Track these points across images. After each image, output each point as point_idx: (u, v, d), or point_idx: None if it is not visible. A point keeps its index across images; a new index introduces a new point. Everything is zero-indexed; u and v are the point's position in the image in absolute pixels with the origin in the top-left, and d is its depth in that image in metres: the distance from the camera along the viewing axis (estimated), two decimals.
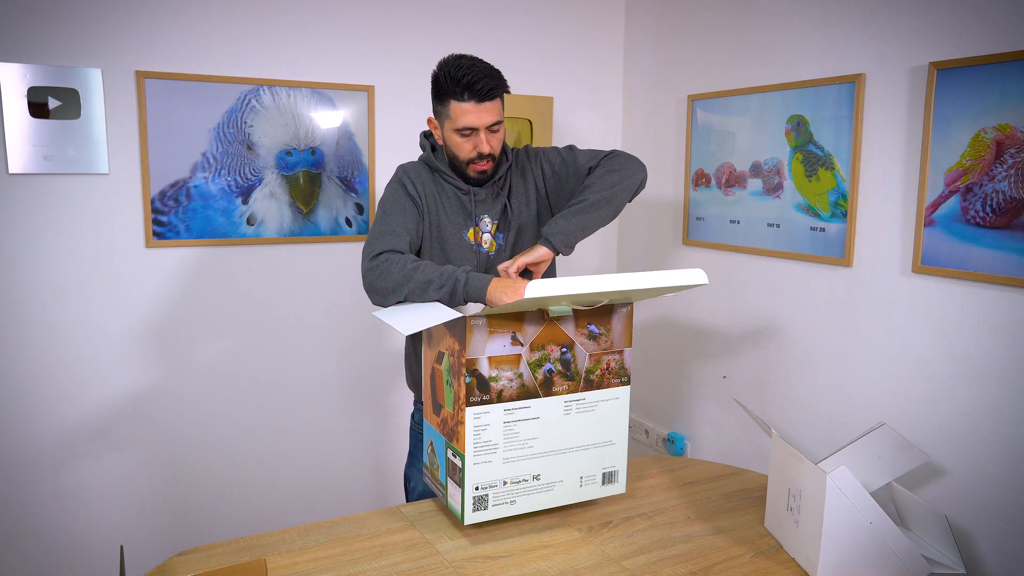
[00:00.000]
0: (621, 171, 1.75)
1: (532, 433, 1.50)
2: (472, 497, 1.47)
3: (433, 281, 1.53)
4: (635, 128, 3.01)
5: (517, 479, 1.51)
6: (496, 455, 1.47)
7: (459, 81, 1.62)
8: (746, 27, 2.47)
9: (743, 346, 2.54)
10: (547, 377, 1.50)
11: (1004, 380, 1.81)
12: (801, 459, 1.45)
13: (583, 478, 1.58)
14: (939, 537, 1.50)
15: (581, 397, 1.55)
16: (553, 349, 1.50)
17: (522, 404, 1.48)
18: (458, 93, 1.63)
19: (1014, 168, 1.74)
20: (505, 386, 1.46)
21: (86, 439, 2.34)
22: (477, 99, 1.64)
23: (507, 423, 1.47)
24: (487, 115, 1.66)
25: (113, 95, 2.24)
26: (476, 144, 1.68)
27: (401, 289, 1.55)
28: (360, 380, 2.72)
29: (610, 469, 1.62)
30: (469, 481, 1.46)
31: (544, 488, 1.54)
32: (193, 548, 1.46)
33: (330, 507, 2.69)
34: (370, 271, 1.60)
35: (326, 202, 2.56)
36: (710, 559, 1.46)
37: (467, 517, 1.48)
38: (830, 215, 2.20)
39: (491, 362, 1.44)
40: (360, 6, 2.54)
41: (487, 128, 1.68)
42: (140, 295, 2.36)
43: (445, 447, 1.52)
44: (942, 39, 1.89)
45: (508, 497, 1.50)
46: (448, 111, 1.67)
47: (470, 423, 1.44)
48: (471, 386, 1.43)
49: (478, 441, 1.46)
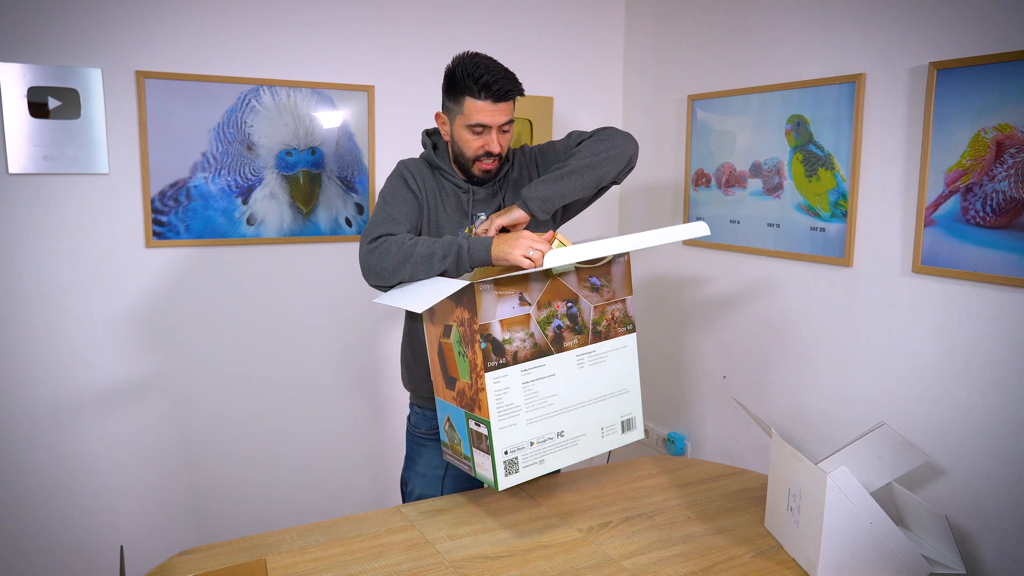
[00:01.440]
0: (609, 141, 1.74)
1: (551, 390, 1.53)
2: (503, 462, 1.48)
3: (436, 253, 1.53)
4: (635, 128, 3.01)
5: (543, 438, 1.53)
6: (520, 416, 1.49)
7: (477, 79, 1.62)
8: (746, 27, 2.47)
9: (743, 346, 2.54)
10: (557, 333, 1.54)
11: (1004, 380, 1.81)
12: (801, 459, 1.45)
13: (604, 429, 1.62)
14: (939, 537, 1.50)
15: (591, 349, 1.59)
16: (559, 305, 1.54)
17: (537, 363, 1.51)
18: (475, 91, 1.63)
19: (1014, 168, 1.74)
20: (519, 347, 1.48)
21: (86, 438, 2.34)
22: (494, 99, 1.64)
23: (526, 384, 1.49)
24: (501, 115, 1.66)
25: (113, 95, 2.24)
26: (486, 142, 1.68)
27: (403, 266, 1.54)
28: (360, 380, 2.72)
29: (627, 416, 1.66)
30: (498, 446, 1.47)
31: (569, 444, 1.57)
32: (193, 548, 1.47)
33: (330, 507, 2.69)
34: (369, 254, 1.58)
35: (326, 202, 2.56)
36: (710, 559, 1.46)
37: (501, 482, 1.48)
38: (830, 215, 2.20)
39: (503, 325, 1.46)
40: (360, 6, 2.54)
41: (499, 128, 1.68)
42: (140, 295, 2.36)
43: (466, 419, 1.52)
44: (942, 39, 1.89)
45: (536, 457, 1.52)
46: (462, 107, 1.66)
47: (491, 388, 1.45)
48: (487, 351, 1.45)
49: (500, 405, 1.47)
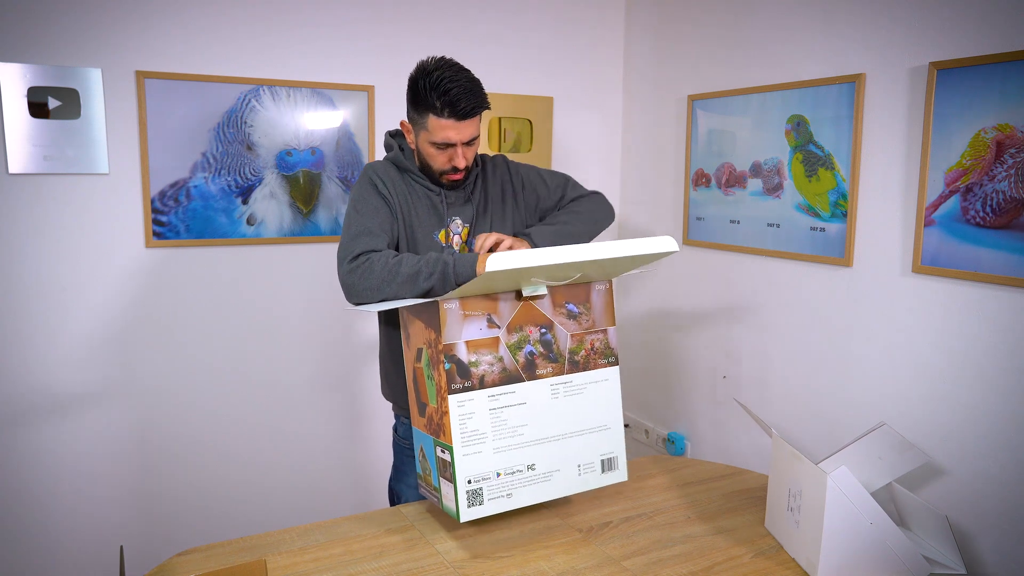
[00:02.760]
0: (602, 211, 1.90)
1: (521, 420, 1.45)
2: (465, 492, 1.41)
3: (422, 271, 1.48)
4: (635, 128, 3.01)
5: (511, 470, 1.45)
6: (485, 444, 1.42)
7: (441, 96, 1.56)
8: (746, 27, 2.47)
9: (743, 346, 2.54)
10: (529, 360, 1.46)
11: (1004, 380, 1.81)
12: (801, 459, 1.45)
13: (581, 466, 1.53)
14: (939, 537, 1.50)
15: (568, 380, 1.50)
16: (532, 330, 1.46)
17: (506, 389, 1.44)
18: (438, 108, 1.57)
19: (1014, 168, 1.74)
20: (486, 371, 1.41)
21: (86, 438, 2.34)
22: (458, 117, 1.58)
23: (493, 410, 1.42)
24: (466, 131, 1.61)
25: (113, 95, 2.24)
26: (451, 157, 1.64)
27: (387, 286, 1.49)
28: (361, 380, 2.72)
29: (608, 455, 1.56)
30: (460, 474, 1.40)
31: (541, 479, 1.48)
32: (193, 548, 1.46)
33: (330, 507, 2.69)
34: (350, 273, 1.52)
35: (326, 202, 2.56)
36: (710, 559, 1.46)
37: (463, 513, 1.41)
38: (830, 215, 2.20)
39: (469, 346, 1.40)
40: (360, 6, 2.54)
41: (464, 143, 1.63)
42: (140, 295, 2.36)
43: (434, 446, 1.46)
44: (942, 39, 1.89)
45: (504, 490, 1.45)
46: (426, 123, 1.61)
47: (454, 412, 1.39)
48: (451, 372, 1.38)
49: (464, 430, 1.40)
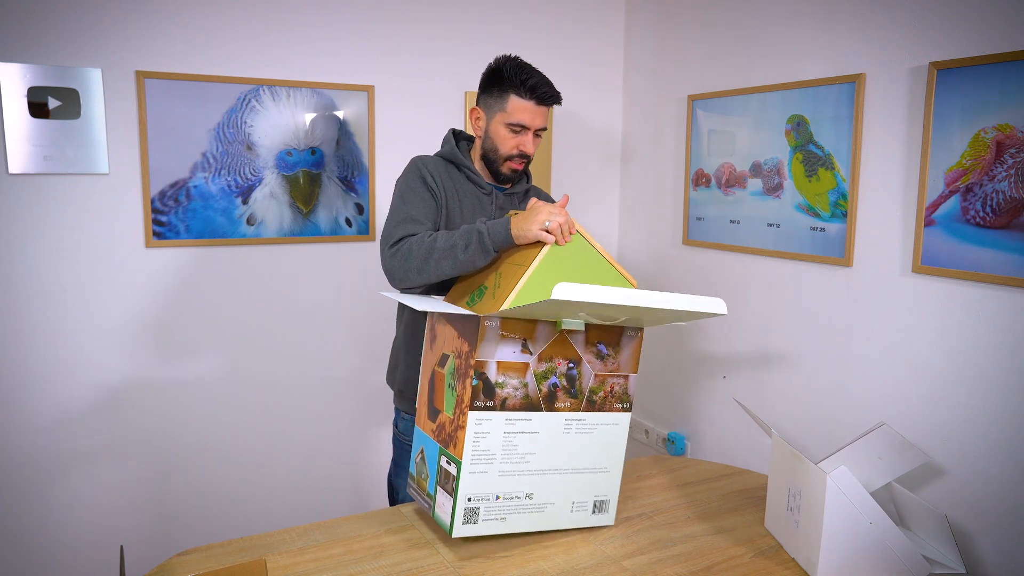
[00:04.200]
0: None
1: (530, 448, 1.47)
2: (464, 508, 1.43)
3: (458, 244, 1.52)
4: (635, 128, 3.01)
5: (510, 495, 1.47)
6: (492, 466, 1.43)
7: (525, 80, 1.67)
8: (746, 27, 2.47)
9: (743, 346, 2.54)
10: (551, 391, 1.47)
11: (1004, 380, 1.81)
12: (801, 459, 1.45)
13: (574, 503, 1.55)
14: (939, 537, 1.50)
15: (581, 417, 1.51)
16: (560, 363, 1.47)
17: (524, 416, 1.45)
18: (521, 90, 1.67)
19: (1014, 168, 1.74)
20: (510, 394, 1.42)
21: (86, 438, 2.34)
22: (538, 101, 1.68)
23: (507, 433, 1.43)
24: (540, 118, 1.71)
25: (113, 95, 2.24)
26: (521, 142, 1.71)
27: (427, 264, 1.54)
28: (361, 379, 2.72)
29: (601, 498, 1.58)
30: (463, 490, 1.42)
31: (535, 508, 1.50)
32: (193, 548, 1.46)
33: (330, 507, 2.69)
34: (391, 258, 1.59)
35: (326, 202, 2.56)
36: (710, 559, 1.46)
37: (456, 529, 1.43)
38: (830, 215, 2.19)
39: (499, 367, 1.40)
40: (360, 6, 2.54)
41: (535, 130, 1.72)
42: (140, 295, 2.36)
43: (439, 454, 1.47)
44: (942, 39, 1.89)
45: (499, 513, 1.47)
46: (505, 104, 1.69)
47: (471, 428, 1.40)
48: (477, 389, 1.39)
49: (476, 449, 1.41)
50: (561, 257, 1.49)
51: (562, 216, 1.48)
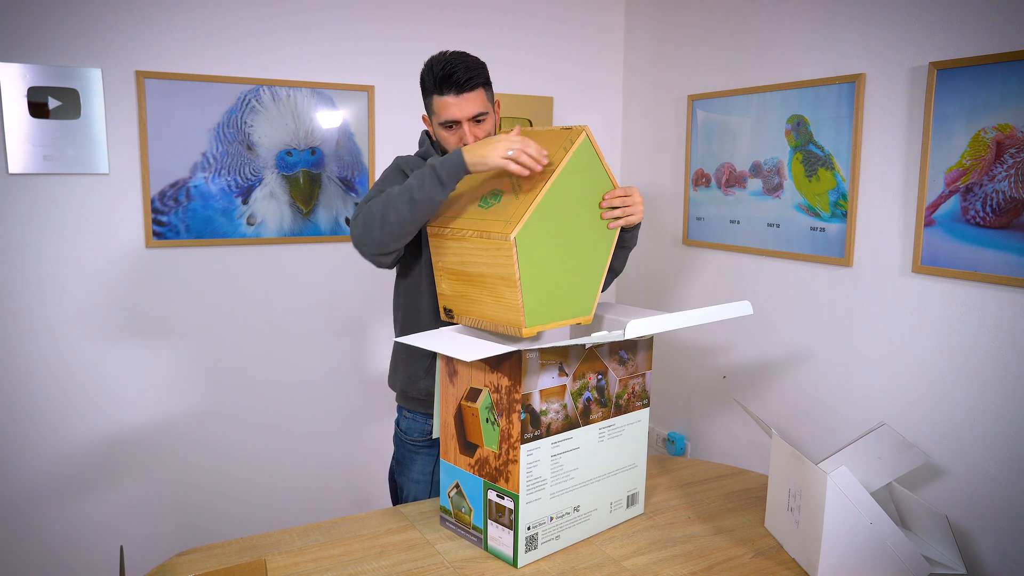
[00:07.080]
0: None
1: (573, 464, 1.48)
2: (525, 538, 1.42)
3: (411, 185, 1.50)
4: (635, 128, 3.01)
5: (561, 513, 1.48)
6: (544, 491, 1.44)
7: (437, 75, 1.62)
8: (746, 27, 2.47)
9: (743, 346, 2.54)
10: (586, 406, 1.49)
11: (1004, 380, 1.81)
12: (801, 459, 1.45)
13: (612, 504, 1.58)
14: (939, 537, 1.50)
15: (611, 423, 1.54)
16: (591, 377, 1.48)
17: (566, 436, 1.45)
18: (437, 87, 1.63)
19: (1014, 168, 1.74)
20: (553, 419, 1.43)
21: (85, 439, 2.34)
22: (455, 91, 1.61)
23: (554, 456, 1.44)
24: (468, 106, 1.63)
25: (113, 95, 2.24)
26: (461, 137, 1.66)
27: (387, 215, 1.52)
28: (361, 379, 2.72)
29: (632, 491, 1.62)
30: (523, 522, 1.40)
31: (582, 519, 1.52)
32: (193, 548, 1.46)
33: (330, 507, 2.69)
34: (355, 226, 1.59)
35: (326, 202, 2.56)
36: (710, 559, 1.46)
37: (521, 559, 1.41)
38: (830, 215, 2.19)
39: (542, 395, 1.40)
40: (360, 6, 2.54)
41: (470, 120, 1.64)
42: (140, 295, 2.36)
43: (484, 489, 1.46)
44: (942, 39, 1.89)
45: (554, 533, 1.47)
46: (432, 106, 1.66)
47: (524, 461, 1.38)
48: (525, 422, 1.38)
49: (530, 479, 1.40)
50: (580, 160, 1.48)
51: (520, 144, 1.43)
